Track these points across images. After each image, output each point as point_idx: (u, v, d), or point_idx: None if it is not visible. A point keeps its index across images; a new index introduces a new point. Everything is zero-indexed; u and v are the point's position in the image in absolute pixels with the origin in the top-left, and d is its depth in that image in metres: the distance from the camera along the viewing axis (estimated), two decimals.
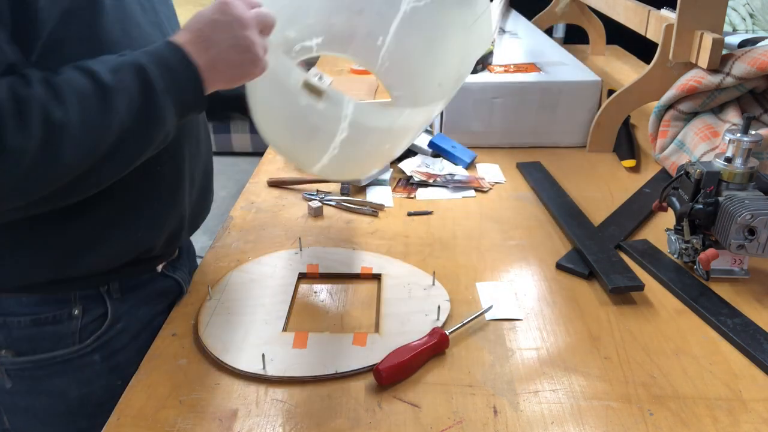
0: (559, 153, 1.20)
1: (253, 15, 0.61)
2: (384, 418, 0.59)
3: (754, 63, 0.95)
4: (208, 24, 0.60)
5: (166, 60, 0.58)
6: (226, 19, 0.59)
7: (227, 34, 0.59)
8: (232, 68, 0.61)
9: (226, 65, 0.60)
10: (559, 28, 2.18)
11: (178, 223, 0.74)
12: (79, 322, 0.70)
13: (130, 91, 0.56)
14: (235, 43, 0.60)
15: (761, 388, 0.62)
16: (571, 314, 0.74)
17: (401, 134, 0.71)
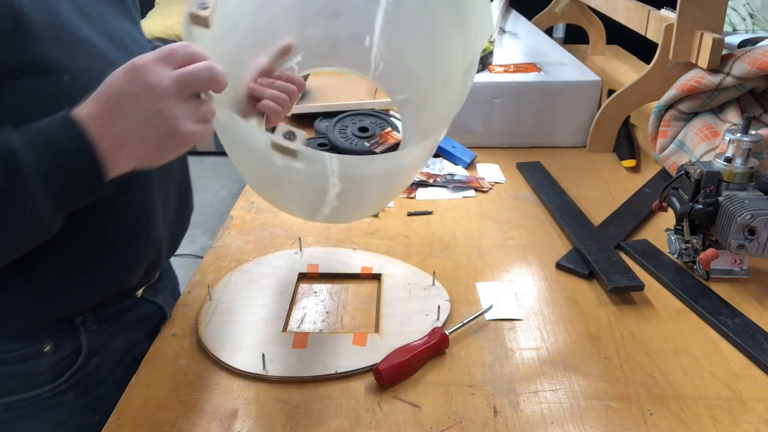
0: (559, 153, 1.20)
1: (173, 80, 0.49)
2: (384, 418, 0.59)
3: (754, 63, 0.95)
4: (115, 94, 0.49)
5: (55, 140, 0.49)
6: (134, 90, 0.49)
7: (136, 106, 0.49)
8: (147, 146, 0.51)
9: (138, 143, 0.50)
10: (559, 28, 2.18)
11: (155, 252, 0.70)
12: (51, 358, 0.65)
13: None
14: (146, 117, 0.49)
15: (761, 388, 0.62)
16: (571, 314, 0.74)
17: (406, 172, 0.65)
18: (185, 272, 0.89)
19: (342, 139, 1.14)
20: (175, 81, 0.50)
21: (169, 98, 0.50)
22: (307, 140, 0.55)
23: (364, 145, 1.13)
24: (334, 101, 1.36)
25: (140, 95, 0.49)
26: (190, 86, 0.50)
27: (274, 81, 0.71)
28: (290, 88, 0.71)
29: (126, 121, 0.49)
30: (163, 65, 0.50)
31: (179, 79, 0.50)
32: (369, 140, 1.14)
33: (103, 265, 0.63)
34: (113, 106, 0.49)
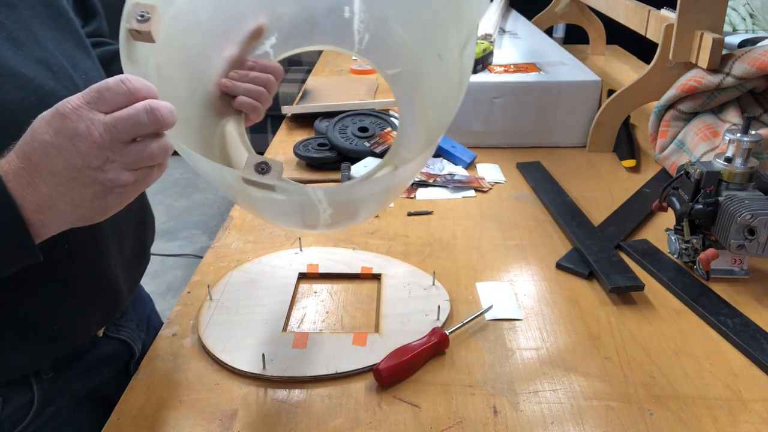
0: (559, 153, 1.20)
1: (105, 127, 0.42)
2: (384, 418, 0.59)
3: (754, 63, 0.95)
4: (39, 147, 0.42)
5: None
6: (60, 142, 0.42)
7: (63, 162, 0.42)
8: (82, 206, 0.44)
9: (70, 204, 0.43)
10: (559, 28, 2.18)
11: (112, 295, 0.64)
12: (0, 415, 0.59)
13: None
14: (76, 174, 0.42)
15: (761, 388, 0.62)
16: (571, 314, 0.74)
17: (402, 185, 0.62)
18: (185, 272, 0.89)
19: (342, 139, 1.14)
20: (108, 129, 0.42)
21: (102, 149, 0.42)
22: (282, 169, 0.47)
23: (364, 145, 1.13)
24: (334, 101, 1.36)
25: (67, 148, 0.42)
26: (127, 133, 0.43)
27: (248, 73, 0.64)
28: (266, 79, 0.63)
29: (53, 179, 0.42)
30: (95, 109, 0.42)
31: (113, 126, 0.42)
32: (369, 140, 1.14)
33: (53, 319, 0.57)
34: (38, 162, 0.42)
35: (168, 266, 2.48)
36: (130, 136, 0.43)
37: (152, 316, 0.84)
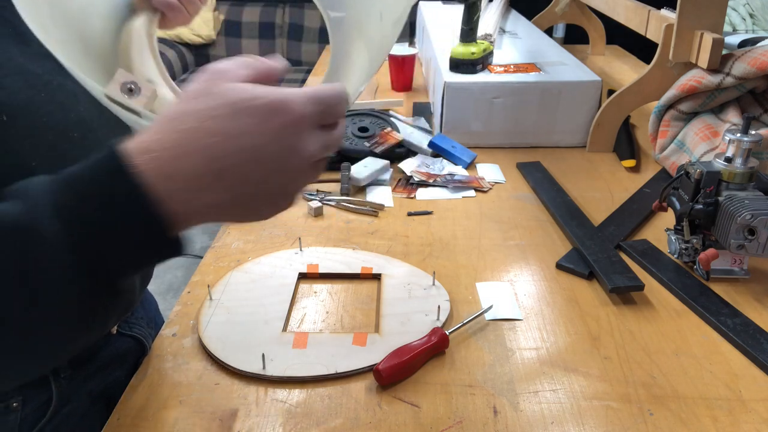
0: (559, 153, 1.20)
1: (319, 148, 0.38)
2: (384, 418, 0.59)
3: (754, 63, 0.95)
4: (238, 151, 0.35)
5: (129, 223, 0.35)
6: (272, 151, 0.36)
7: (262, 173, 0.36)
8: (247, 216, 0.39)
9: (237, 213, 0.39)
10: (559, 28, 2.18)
11: (129, 291, 0.62)
12: (19, 415, 0.59)
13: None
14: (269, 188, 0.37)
15: (761, 388, 0.62)
16: (571, 314, 0.74)
17: None
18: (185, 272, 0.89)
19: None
20: (323, 149, 0.38)
21: (310, 168, 0.38)
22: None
23: (364, 145, 1.13)
24: None
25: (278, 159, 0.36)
26: (326, 154, 0.39)
27: None
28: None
29: (240, 188, 0.36)
30: (318, 122, 0.38)
31: (326, 148, 0.38)
32: (369, 140, 1.14)
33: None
34: (230, 166, 0.35)
35: (168, 266, 2.47)
36: (326, 155, 0.40)
37: (157, 315, 0.85)
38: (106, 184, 0.34)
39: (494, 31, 1.46)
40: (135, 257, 0.37)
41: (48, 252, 0.33)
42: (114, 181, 0.34)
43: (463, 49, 1.23)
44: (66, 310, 0.35)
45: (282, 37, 3.86)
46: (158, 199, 0.35)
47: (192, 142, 0.35)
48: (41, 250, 0.33)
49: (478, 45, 1.25)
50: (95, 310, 0.37)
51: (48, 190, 0.35)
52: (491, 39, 1.38)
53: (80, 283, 0.35)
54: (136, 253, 0.36)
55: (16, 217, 0.33)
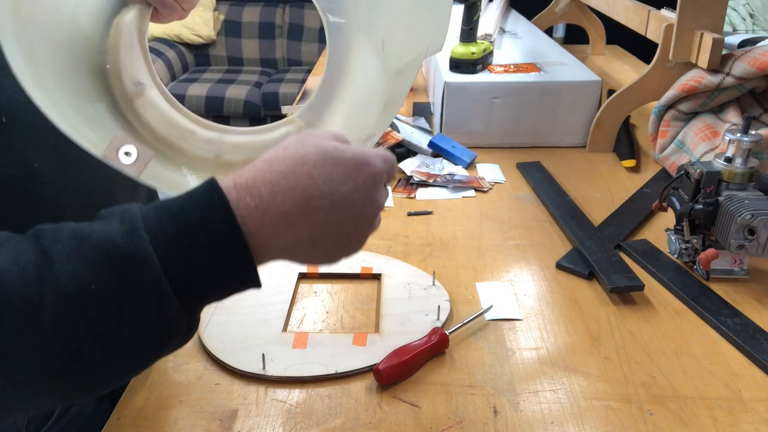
0: (559, 153, 1.20)
1: (385, 198, 0.43)
2: (384, 418, 0.59)
3: (754, 63, 0.95)
4: (326, 195, 0.39)
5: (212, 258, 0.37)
6: (353, 199, 0.40)
7: (340, 218, 0.40)
8: (313, 255, 0.42)
9: (309, 252, 0.42)
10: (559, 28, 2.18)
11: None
12: (26, 416, 0.59)
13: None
14: (342, 231, 0.41)
15: (761, 388, 0.62)
16: (571, 314, 0.74)
17: None
18: None
19: None
20: (386, 200, 0.44)
21: (377, 215, 0.43)
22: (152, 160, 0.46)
23: None
24: None
25: (356, 208, 0.41)
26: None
27: None
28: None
29: (318, 230, 0.40)
30: (387, 180, 0.44)
31: (386, 198, 0.45)
32: None
33: None
34: (316, 208, 0.39)
35: None
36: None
37: None
38: (206, 214, 0.37)
39: (494, 31, 1.46)
40: (221, 286, 0.39)
41: (144, 275, 0.36)
42: (213, 213, 0.37)
43: (463, 49, 1.23)
44: (151, 332, 0.37)
45: (282, 37, 3.86)
46: (251, 231, 0.38)
47: (287, 182, 0.39)
48: (138, 272, 0.36)
49: (478, 45, 1.25)
50: (173, 335, 0.39)
51: (145, 215, 0.37)
52: (491, 39, 1.38)
53: (170, 307, 0.37)
54: (222, 283, 0.39)
55: (118, 239, 0.36)
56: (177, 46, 3.78)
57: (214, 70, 3.79)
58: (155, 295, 0.36)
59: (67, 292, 0.34)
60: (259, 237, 0.38)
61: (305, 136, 0.43)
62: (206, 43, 3.83)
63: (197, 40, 3.78)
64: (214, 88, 3.46)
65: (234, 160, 0.58)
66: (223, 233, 0.37)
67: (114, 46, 0.54)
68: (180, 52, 3.76)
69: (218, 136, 0.58)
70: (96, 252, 0.35)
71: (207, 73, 3.71)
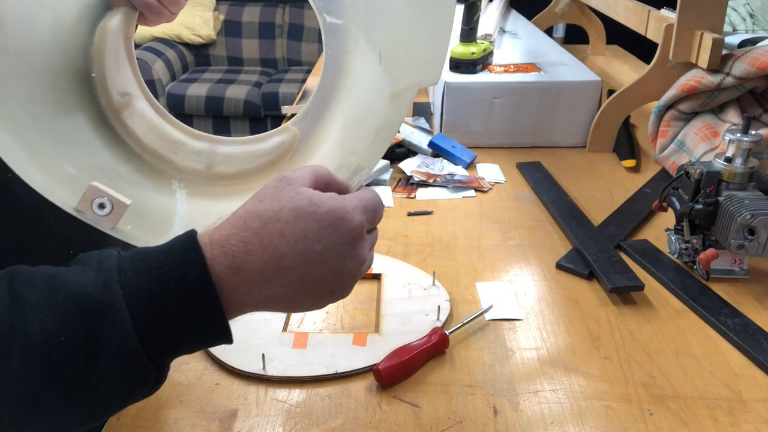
0: (559, 153, 1.20)
1: (370, 249, 0.43)
2: (384, 418, 0.59)
3: (754, 63, 0.95)
4: (299, 253, 0.39)
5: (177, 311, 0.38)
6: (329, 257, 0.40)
7: (317, 274, 0.40)
8: (296, 307, 0.43)
9: (289, 305, 0.42)
10: (559, 28, 2.18)
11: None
12: None
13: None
14: (322, 286, 0.41)
15: (761, 388, 0.62)
16: (571, 314, 0.74)
17: None
18: None
19: None
20: (371, 248, 0.44)
21: (361, 269, 0.43)
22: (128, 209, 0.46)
23: None
24: None
25: (332, 265, 0.40)
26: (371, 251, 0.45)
27: None
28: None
29: (297, 285, 0.40)
30: (368, 229, 0.43)
31: (372, 246, 0.44)
32: None
33: None
34: (290, 266, 0.39)
35: None
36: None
37: None
38: (181, 271, 0.37)
39: (494, 31, 1.46)
40: (192, 342, 0.40)
41: (115, 329, 0.36)
42: (189, 270, 0.37)
43: (463, 49, 1.23)
44: (117, 385, 0.37)
45: (282, 37, 3.86)
46: (224, 289, 0.38)
47: (259, 240, 0.39)
48: (109, 325, 0.36)
49: (478, 45, 1.25)
50: (139, 388, 0.39)
51: (121, 267, 0.37)
52: (491, 39, 1.38)
53: (138, 362, 0.37)
54: (193, 339, 0.40)
55: (91, 290, 0.36)
56: (177, 46, 3.78)
57: (214, 70, 3.79)
58: (124, 350, 0.36)
59: (37, 341, 0.34)
60: (232, 295, 0.39)
61: (282, 184, 0.42)
62: (206, 43, 3.83)
63: (197, 40, 3.78)
64: (214, 88, 3.46)
65: (226, 171, 0.57)
66: (197, 292, 0.37)
67: (99, 53, 0.52)
68: (180, 52, 3.76)
69: (209, 147, 0.57)
70: (68, 302, 0.35)
71: (207, 73, 3.72)
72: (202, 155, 0.57)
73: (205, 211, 0.55)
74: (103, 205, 0.45)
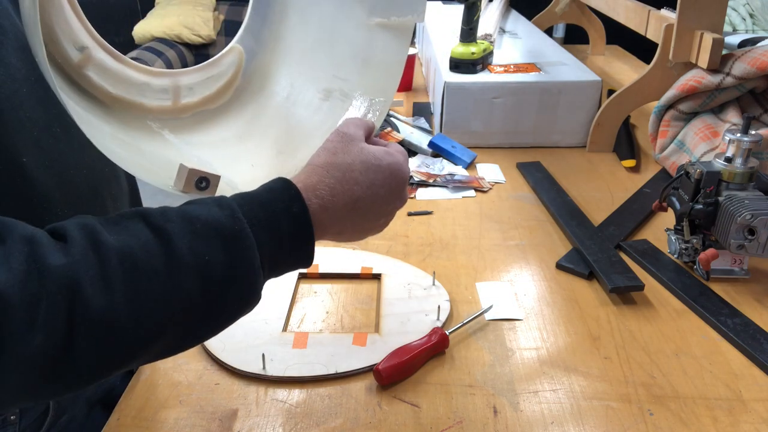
0: (559, 153, 1.20)
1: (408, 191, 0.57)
2: (384, 418, 0.59)
3: (754, 63, 0.95)
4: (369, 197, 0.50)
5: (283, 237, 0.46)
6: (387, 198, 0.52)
7: (377, 211, 0.52)
8: (349, 237, 0.53)
9: (347, 235, 0.53)
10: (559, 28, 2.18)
11: None
12: (17, 428, 0.58)
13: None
14: (377, 218, 0.53)
15: (761, 388, 0.62)
16: (571, 314, 0.74)
17: None
18: None
19: None
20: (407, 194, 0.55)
21: (403, 205, 0.55)
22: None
23: None
24: None
25: (389, 204, 0.52)
26: None
27: None
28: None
29: (361, 219, 0.51)
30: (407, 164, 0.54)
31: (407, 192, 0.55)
32: None
33: None
34: (361, 207, 0.50)
35: None
36: None
37: None
38: (287, 204, 0.46)
39: (494, 31, 1.46)
40: (288, 265, 0.48)
41: (246, 252, 0.43)
42: (292, 204, 0.46)
43: (463, 49, 1.23)
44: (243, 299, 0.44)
45: None
46: (315, 221, 0.47)
47: (341, 186, 0.49)
48: (241, 249, 0.42)
49: (478, 45, 1.25)
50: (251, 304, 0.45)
51: (237, 203, 0.44)
52: (491, 39, 1.38)
53: (257, 280, 0.44)
54: (290, 262, 0.47)
55: (224, 221, 0.42)
56: (177, 46, 3.78)
57: None
58: (251, 270, 0.43)
59: (188, 260, 0.40)
60: (319, 227, 0.48)
61: (346, 140, 0.52)
62: (206, 43, 3.83)
63: (197, 40, 3.78)
64: None
65: (191, 102, 0.60)
66: (300, 222, 0.46)
67: (43, 8, 0.51)
68: (180, 52, 3.76)
69: (172, 82, 0.59)
70: (208, 230, 0.41)
71: None
72: (167, 92, 0.59)
73: (197, 141, 0.58)
74: (204, 186, 0.51)
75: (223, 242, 0.42)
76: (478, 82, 1.19)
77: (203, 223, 0.42)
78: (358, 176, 0.50)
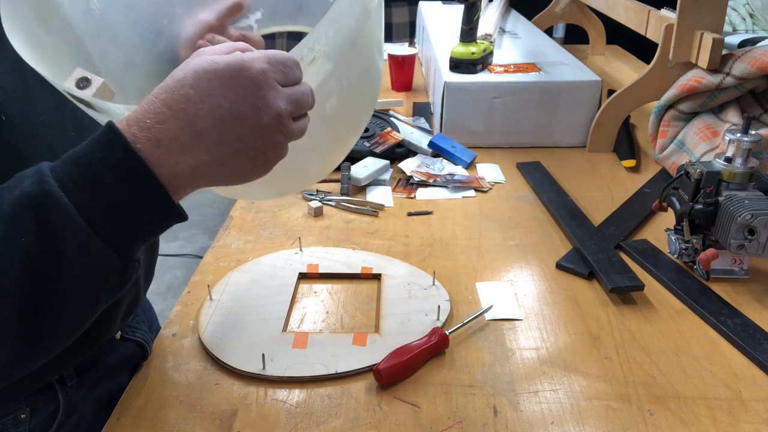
0: (559, 153, 1.20)
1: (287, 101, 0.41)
2: (384, 418, 0.59)
3: (754, 63, 0.95)
4: (209, 113, 0.39)
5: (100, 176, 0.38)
6: (240, 111, 0.39)
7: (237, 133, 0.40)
8: (234, 177, 0.42)
9: (225, 174, 0.42)
10: (559, 28, 2.18)
11: (135, 292, 0.64)
12: (27, 426, 0.58)
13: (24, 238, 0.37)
14: (245, 147, 0.40)
15: (761, 388, 0.62)
16: (571, 314, 0.74)
17: None
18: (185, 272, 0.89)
19: None
20: (290, 102, 0.41)
21: (279, 123, 0.41)
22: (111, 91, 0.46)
23: (363, 145, 1.13)
24: None
25: (248, 119, 0.40)
26: (299, 110, 0.42)
27: (226, 40, 0.60)
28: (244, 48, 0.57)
29: (219, 149, 0.40)
30: (277, 80, 0.41)
31: (295, 101, 0.41)
32: (369, 140, 1.14)
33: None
34: (205, 128, 0.39)
35: (168, 266, 2.48)
36: (299, 113, 0.43)
37: (153, 318, 0.84)
38: (105, 152, 0.39)
39: (494, 31, 1.46)
40: (141, 220, 0.40)
41: (61, 215, 0.37)
42: (112, 150, 0.38)
43: (463, 49, 1.23)
44: (82, 270, 0.39)
45: (282, 37, 3.85)
46: (152, 163, 0.39)
47: (168, 108, 0.39)
48: (54, 213, 0.37)
49: (478, 45, 1.25)
50: (105, 275, 0.40)
51: (52, 166, 0.39)
52: (491, 39, 1.38)
53: (94, 245, 0.38)
54: (140, 216, 0.40)
55: (27, 188, 0.38)
56: None
57: None
58: (76, 236, 0.38)
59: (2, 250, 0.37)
60: (161, 168, 0.39)
61: (192, 56, 0.41)
62: None
63: None
64: None
65: None
66: (126, 167, 0.38)
67: None
68: None
69: None
70: (12, 207, 0.37)
71: None
72: None
73: None
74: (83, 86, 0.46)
75: (33, 213, 0.37)
76: (478, 82, 1.19)
77: (9, 201, 0.38)
78: (188, 91, 0.39)
